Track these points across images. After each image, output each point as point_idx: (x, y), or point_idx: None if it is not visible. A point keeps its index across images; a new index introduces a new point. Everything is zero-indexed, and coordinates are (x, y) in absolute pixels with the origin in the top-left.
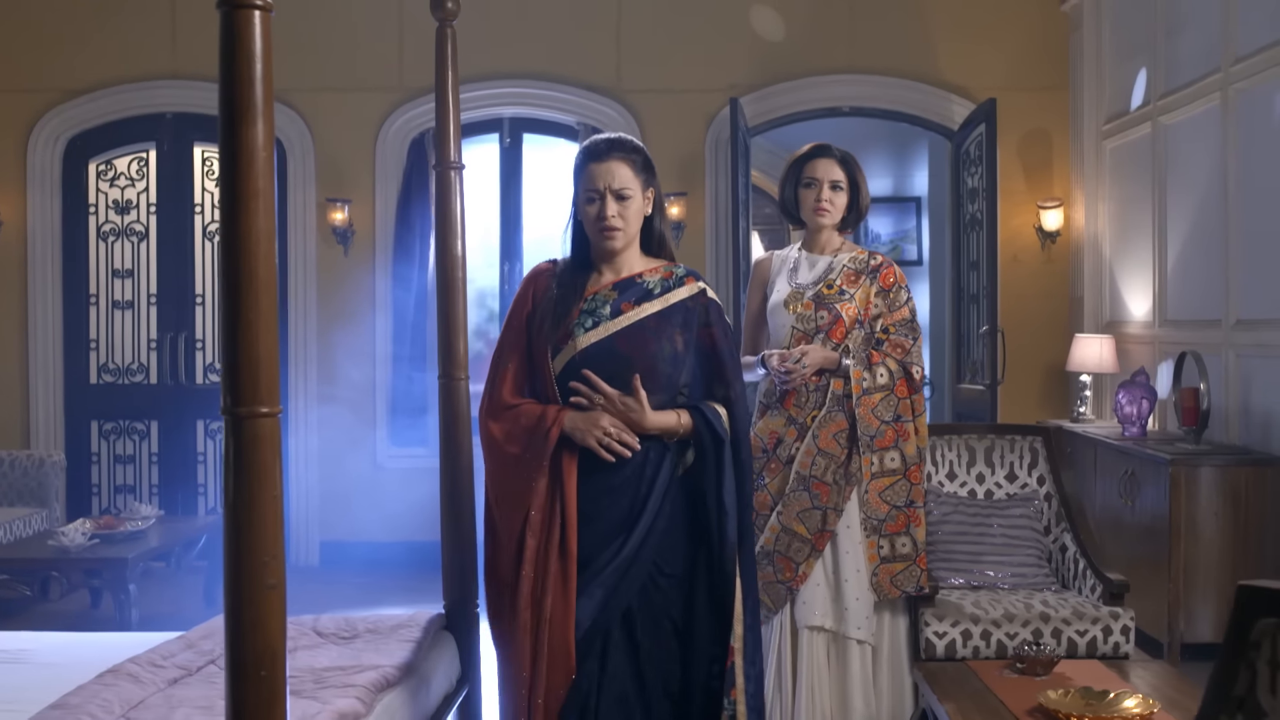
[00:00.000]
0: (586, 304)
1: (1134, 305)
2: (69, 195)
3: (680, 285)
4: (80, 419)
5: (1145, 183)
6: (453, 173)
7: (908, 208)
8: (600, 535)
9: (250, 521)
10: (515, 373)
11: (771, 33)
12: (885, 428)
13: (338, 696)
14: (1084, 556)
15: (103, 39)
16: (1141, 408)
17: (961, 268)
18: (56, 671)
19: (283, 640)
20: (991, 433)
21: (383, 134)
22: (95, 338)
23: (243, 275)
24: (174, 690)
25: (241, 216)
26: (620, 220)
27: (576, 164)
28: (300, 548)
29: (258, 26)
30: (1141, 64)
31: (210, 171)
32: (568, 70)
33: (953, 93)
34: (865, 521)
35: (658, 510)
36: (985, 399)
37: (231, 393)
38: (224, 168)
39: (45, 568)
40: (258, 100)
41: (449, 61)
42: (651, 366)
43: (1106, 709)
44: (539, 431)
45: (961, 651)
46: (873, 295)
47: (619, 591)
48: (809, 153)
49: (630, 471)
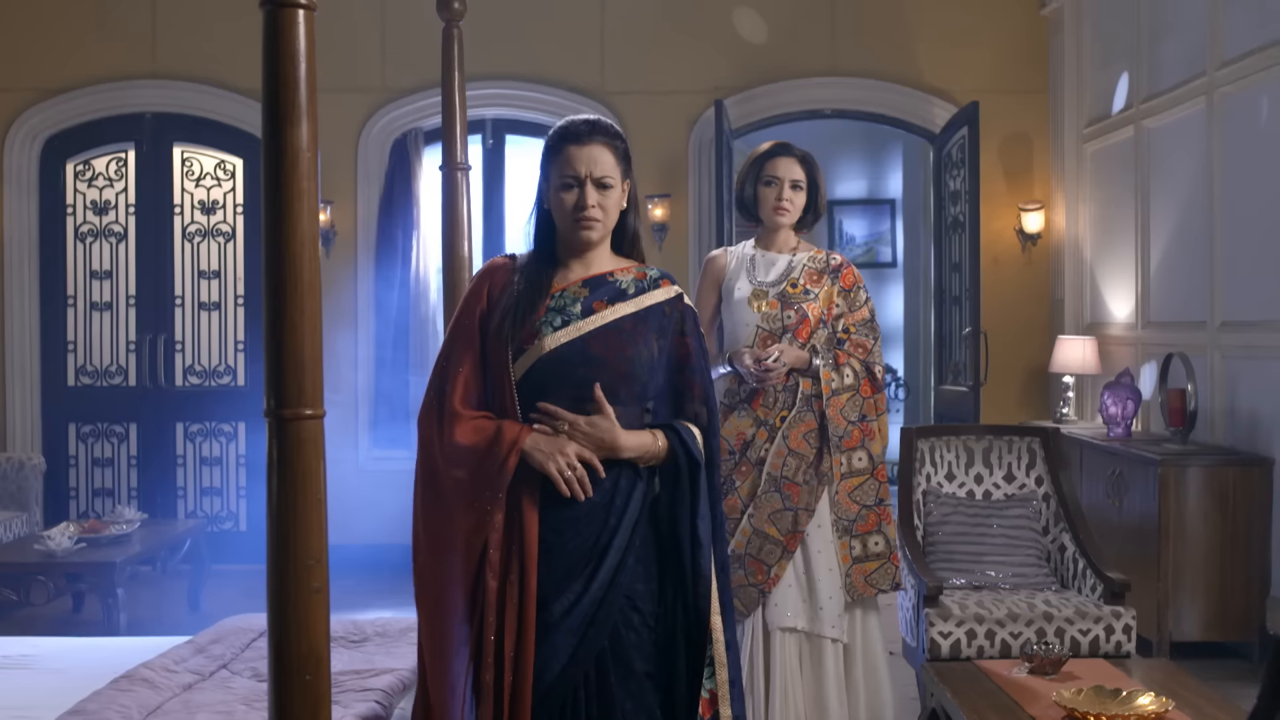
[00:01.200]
0: (554, 301)
1: (1115, 307)
2: (46, 196)
3: (655, 287)
4: (58, 421)
5: (1127, 185)
6: (459, 173)
7: (882, 210)
8: (560, 572)
9: (295, 525)
10: (467, 379)
11: (754, 35)
12: (852, 428)
13: (358, 701)
14: (1084, 556)
15: (82, 38)
16: (1126, 409)
17: (943, 270)
18: (66, 678)
19: (327, 645)
20: (989, 434)
21: (364, 135)
22: (73, 339)
23: (288, 277)
24: (190, 695)
25: (287, 218)
26: (600, 211)
27: (549, 146)
28: None
29: (302, 26)
30: (1123, 68)
31: (190, 172)
32: (551, 72)
33: (934, 95)
34: (836, 523)
35: (627, 543)
36: (968, 401)
37: (275, 395)
38: (267, 169)
39: (31, 572)
40: (302, 101)
41: (455, 62)
42: (627, 372)
43: (1122, 707)
44: (493, 456)
45: (966, 651)
46: (835, 295)
47: (588, 640)
48: (770, 150)
49: (598, 499)
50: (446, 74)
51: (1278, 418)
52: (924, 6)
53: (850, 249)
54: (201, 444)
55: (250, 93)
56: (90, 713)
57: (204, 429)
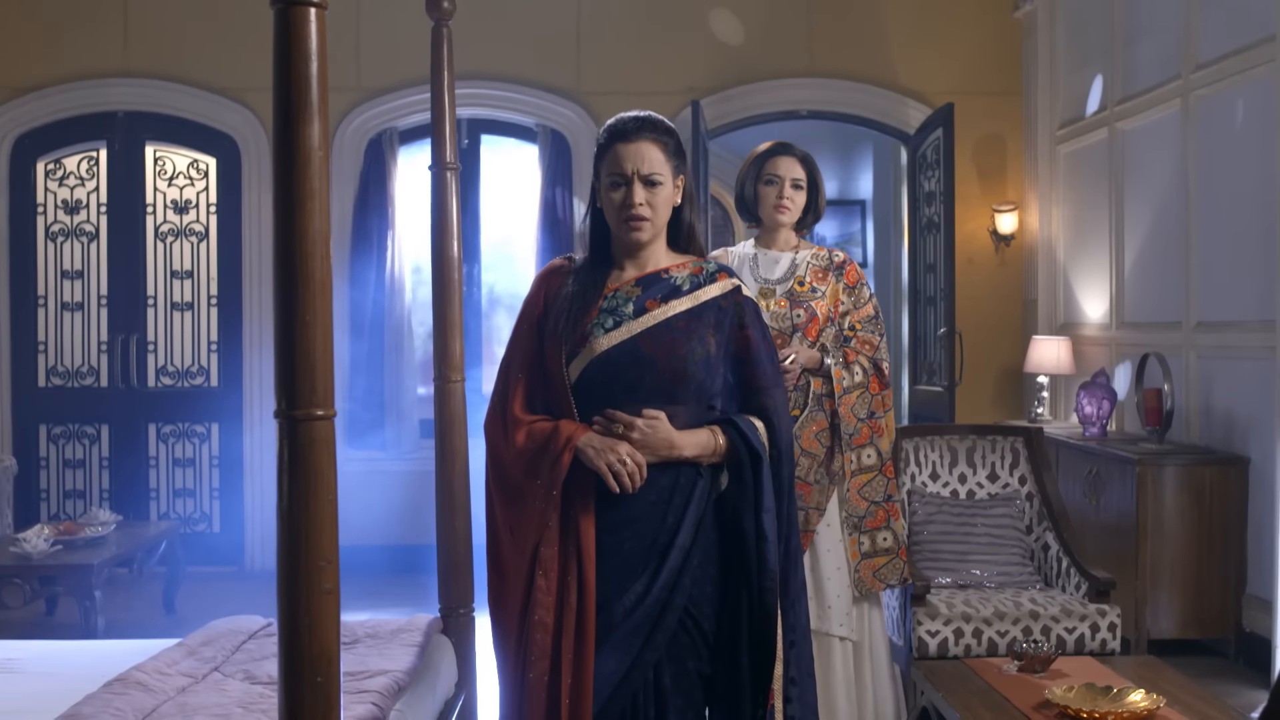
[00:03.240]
0: (606, 302)
1: (1089, 307)
2: (16, 195)
3: (712, 281)
4: (28, 422)
5: (1101, 187)
6: (449, 173)
7: (853, 211)
8: (619, 574)
9: (307, 525)
10: (527, 384)
11: (730, 36)
12: (861, 425)
13: (355, 703)
14: (1067, 555)
15: (53, 35)
16: (1102, 408)
17: (918, 271)
18: (55, 681)
19: (337, 645)
20: (973, 433)
21: (339, 135)
22: (44, 340)
23: (299, 277)
24: (185, 698)
25: (298, 217)
26: (648, 209)
27: (600, 144)
28: (255, 553)
29: (313, 24)
30: (1097, 70)
31: (162, 171)
32: (527, 71)
33: (909, 97)
34: (846, 519)
35: (690, 544)
36: (943, 400)
37: (287, 395)
38: (278, 168)
39: (6, 575)
40: (313, 99)
41: (445, 62)
42: (681, 371)
43: (1114, 704)
44: (548, 455)
45: (954, 650)
46: (840, 292)
47: (650, 644)
48: (771, 150)
49: (655, 498)
50: (436, 73)
51: (1253, 417)
52: (899, 9)
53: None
54: (174, 445)
55: (225, 91)
56: (86, 716)
57: (177, 430)
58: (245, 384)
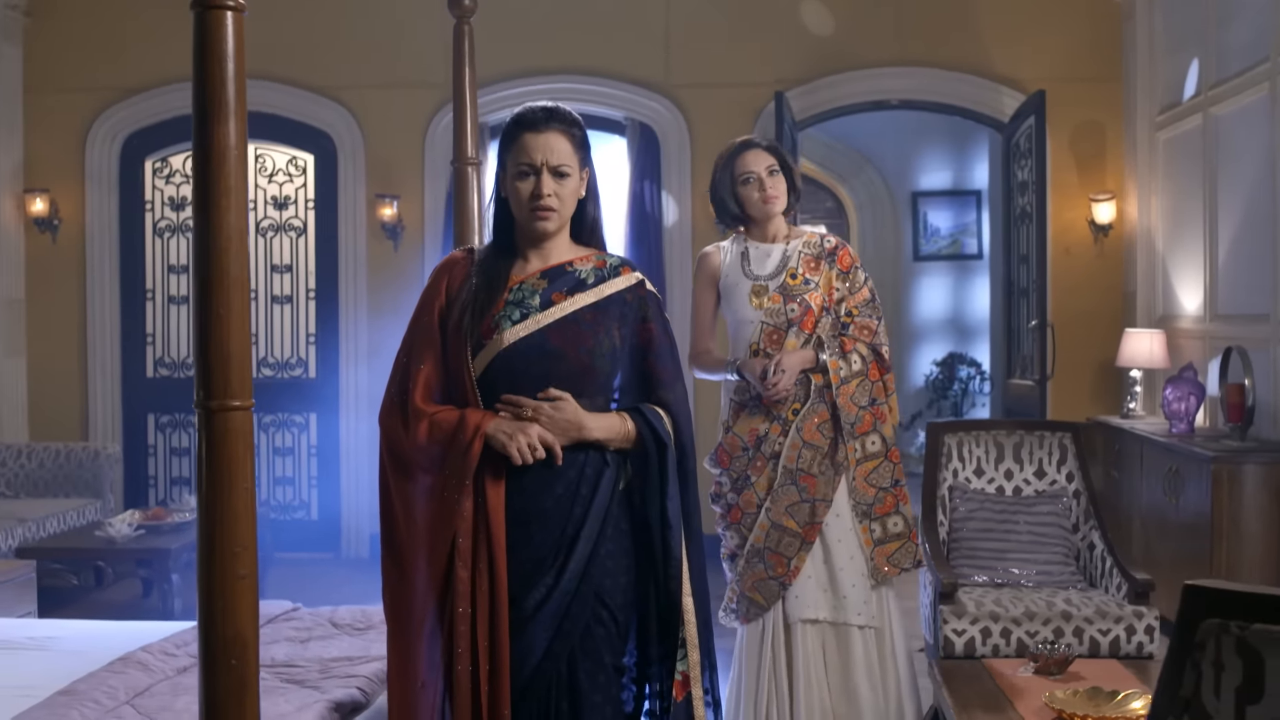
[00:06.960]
0: (512, 294)
1: (1186, 300)
2: (126, 193)
3: (616, 275)
4: (137, 412)
5: (1196, 175)
6: (470, 169)
7: (967, 201)
8: (528, 567)
9: (222, 513)
10: (429, 376)
11: (820, 26)
12: (863, 413)
13: (339, 687)
14: (1110, 554)
15: (160, 37)
16: (1189, 404)
17: (1012, 261)
18: (78, 659)
19: (254, 630)
20: (1020, 429)
21: (431, 129)
22: (151, 332)
23: (214, 272)
24: (181, 678)
25: (213, 214)
26: (556, 200)
27: (505, 134)
28: (351, 540)
29: (230, 27)
30: (1193, 54)
31: (262, 168)
32: (616, 65)
33: (1003, 84)
34: (855, 507)
35: (598, 534)
36: (1035, 394)
37: (204, 387)
38: (196, 166)
39: (92, 558)
40: (229, 100)
41: (466, 59)
42: (588, 364)
43: (1112, 709)
44: (457, 445)
45: (980, 650)
46: (834, 279)
47: (562, 632)
48: (735, 150)
49: (563, 490)
50: (457, 71)
51: None
52: None
53: (935, 241)
54: (275, 434)
55: (322, 90)
56: (79, 693)
57: (277, 420)
58: (341, 375)
